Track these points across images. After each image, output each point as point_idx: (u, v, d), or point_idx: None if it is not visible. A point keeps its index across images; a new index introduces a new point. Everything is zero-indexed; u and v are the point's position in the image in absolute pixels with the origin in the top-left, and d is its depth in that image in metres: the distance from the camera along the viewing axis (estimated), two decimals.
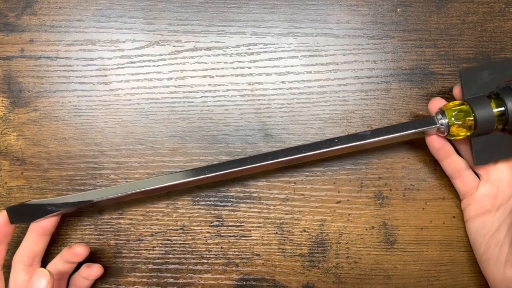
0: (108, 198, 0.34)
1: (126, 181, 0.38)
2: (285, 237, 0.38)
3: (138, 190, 0.33)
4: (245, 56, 0.39)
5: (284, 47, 0.39)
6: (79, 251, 0.34)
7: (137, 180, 0.38)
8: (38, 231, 0.34)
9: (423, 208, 0.38)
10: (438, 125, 0.33)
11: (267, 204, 0.38)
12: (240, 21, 0.39)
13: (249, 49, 0.39)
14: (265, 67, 0.39)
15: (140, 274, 0.37)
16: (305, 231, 0.38)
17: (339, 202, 0.38)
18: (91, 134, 0.38)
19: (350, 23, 0.39)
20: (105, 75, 0.38)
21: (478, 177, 0.36)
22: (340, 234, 0.38)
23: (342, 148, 0.33)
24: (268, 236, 0.38)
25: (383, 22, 0.39)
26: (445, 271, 0.38)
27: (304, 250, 0.38)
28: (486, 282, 0.36)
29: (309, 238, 0.38)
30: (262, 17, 0.39)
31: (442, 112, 0.33)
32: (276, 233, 0.38)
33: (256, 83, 0.39)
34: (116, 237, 0.38)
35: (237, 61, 0.39)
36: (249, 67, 0.39)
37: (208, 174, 0.33)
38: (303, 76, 0.39)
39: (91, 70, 0.39)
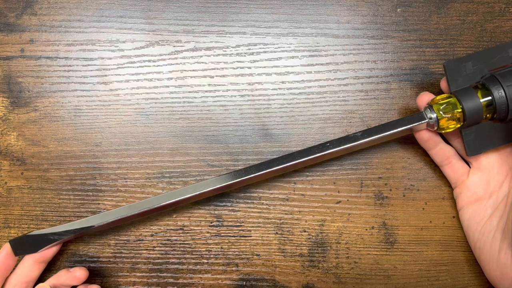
0: (109, 222, 0.34)
1: (126, 182, 0.38)
2: (285, 237, 0.38)
3: (138, 212, 0.34)
4: (245, 56, 0.39)
5: (284, 47, 0.39)
6: (79, 274, 0.34)
7: (135, 201, 0.38)
8: (37, 259, 0.34)
9: (423, 208, 0.38)
10: (427, 120, 0.33)
11: (267, 204, 0.38)
12: (240, 21, 0.39)
13: (249, 49, 0.39)
14: (265, 67, 0.39)
15: (140, 274, 0.37)
16: (305, 231, 0.38)
17: (339, 202, 0.38)
18: (91, 134, 0.38)
19: (350, 23, 0.39)
20: (105, 75, 0.39)
21: (468, 164, 0.36)
22: (340, 234, 0.38)
23: (335, 152, 0.34)
24: (268, 236, 0.38)
25: (383, 22, 0.39)
26: (445, 271, 0.38)
27: (304, 250, 0.38)
28: (486, 282, 0.36)
29: (309, 238, 0.38)
30: (262, 17, 0.39)
31: (430, 106, 0.33)
32: (276, 233, 0.38)
33: (256, 83, 0.39)
34: (116, 237, 0.38)
35: (237, 61, 0.39)
36: (249, 67, 0.39)
37: (191, 193, 0.34)
38: (303, 76, 0.39)
39: (91, 70, 0.39)
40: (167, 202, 0.34)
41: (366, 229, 0.38)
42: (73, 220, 0.38)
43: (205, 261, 0.38)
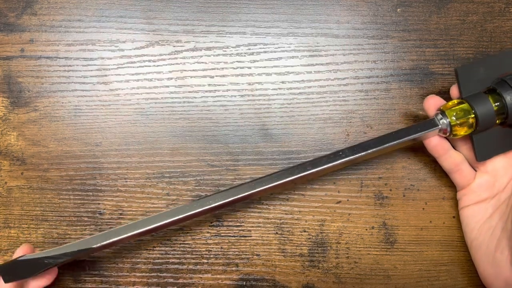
0: (107, 243, 0.32)
1: (126, 182, 0.38)
2: (285, 237, 0.38)
3: (136, 232, 0.32)
4: (245, 56, 0.39)
5: (284, 47, 0.39)
6: (51, 271, 0.33)
7: (133, 220, 0.37)
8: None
9: (423, 208, 0.38)
10: (440, 126, 0.33)
11: (267, 204, 0.38)
12: (240, 21, 0.39)
13: (249, 49, 0.39)
14: (265, 67, 0.39)
15: (140, 274, 0.37)
16: (305, 231, 0.38)
17: (339, 202, 0.38)
18: (91, 134, 0.38)
19: (350, 23, 0.39)
20: (105, 75, 0.39)
21: (474, 168, 0.36)
22: (340, 234, 0.38)
23: (347, 161, 0.33)
24: (268, 236, 0.38)
25: (383, 22, 0.39)
26: (445, 271, 0.38)
27: (304, 250, 0.38)
28: None
29: (309, 238, 0.38)
30: (262, 17, 0.39)
31: (442, 112, 0.33)
32: (276, 233, 0.38)
33: (256, 83, 0.39)
34: None
35: (237, 61, 0.39)
36: (249, 67, 0.39)
37: (195, 210, 0.33)
38: (303, 76, 0.39)
39: (91, 70, 0.39)
40: (170, 220, 0.32)
41: (366, 229, 0.38)
42: (73, 220, 0.38)
43: (205, 261, 0.38)
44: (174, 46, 0.39)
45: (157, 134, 0.38)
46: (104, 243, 0.32)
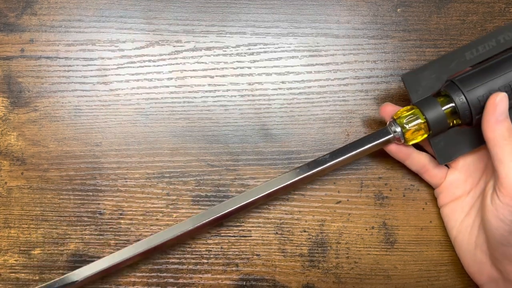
0: (93, 274, 0.33)
1: (126, 182, 0.38)
2: (285, 237, 0.38)
3: (123, 259, 0.33)
4: (245, 56, 0.39)
5: (284, 47, 0.39)
6: None
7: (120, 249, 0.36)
8: None
9: (423, 208, 0.38)
10: (392, 135, 0.33)
11: (267, 204, 0.38)
12: (240, 21, 0.39)
13: (249, 49, 0.39)
14: (265, 67, 0.39)
15: (140, 274, 0.37)
16: (305, 231, 0.38)
17: (339, 202, 0.38)
18: (91, 134, 0.38)
19: (350, 23, 0.39)
20: (105, 75, 0.39)
21: (447, 165, 0.36)
22: (340, 234, 0.38)
23: (305, 177, 0.33)
24: (268, 236, 0.38)
25: (383, 22, 0.39)
26: (445, 271, 0.38)
27: (304, 250, 0.38)
28: None
29: (309, 238, 0.38)
30: (262, 17, 0.39)
31: (394, 120, 0.33)
32: (276, 233, 0.38)
33: (256, 83, 0.39)
34: (116, 237, 0.38)
35: (237, 61, 0.39)
36: (249, 67, 0.39)
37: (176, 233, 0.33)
38: (303, 76, 0.39)
39: (91, 70, 0.39)
40: (145, 249, 0.33)
41: (366, 229, 0.38)
42: (73, 220, 0.38)
43: (205, 261, 0.38)
44: (174, 46, 0.39)
45: (157, 134, 0.38)
46: (91, 274, 0.33)
